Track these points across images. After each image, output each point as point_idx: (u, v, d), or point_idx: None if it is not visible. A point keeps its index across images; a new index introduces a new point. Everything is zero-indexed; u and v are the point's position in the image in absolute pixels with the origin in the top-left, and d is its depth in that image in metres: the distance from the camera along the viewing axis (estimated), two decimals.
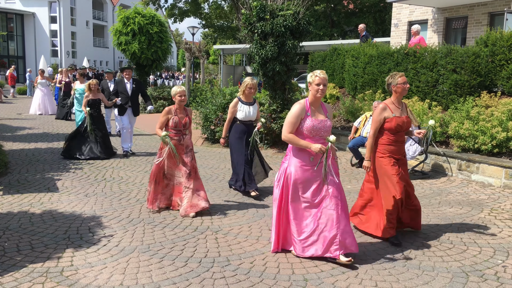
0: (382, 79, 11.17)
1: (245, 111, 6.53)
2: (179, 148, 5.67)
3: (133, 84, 9.50)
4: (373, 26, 30.92)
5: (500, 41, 9.17)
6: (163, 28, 18.33)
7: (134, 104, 9.57)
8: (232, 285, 3.83)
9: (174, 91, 5.68)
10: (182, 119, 5.69)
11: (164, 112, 5.67)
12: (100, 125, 9.31)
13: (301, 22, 9.83)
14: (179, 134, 5.69)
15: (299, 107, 4.27)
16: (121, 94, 9.43)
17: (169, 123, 5.65)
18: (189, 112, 5.83)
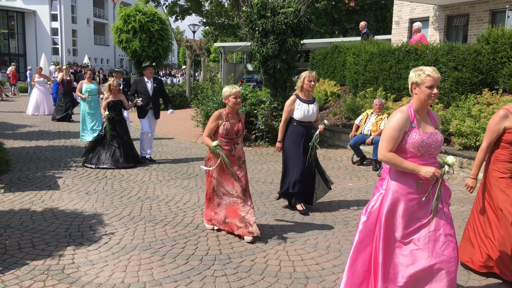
0: (383, 76, 11.16)
1: (303, 110, 5.66)
2: (231, 160, 4.82)
3: (154, 83, 8.59)
4: (374, 24, 30.86)
5: (501, 39, 9.15)
6: (164, 26, 18.29)
7: (156, 105, 8.67)
8: (233, 282, 3.83)
9: (227, 92, 4.78)
10: (235, 125, 4.84)
11: (214, 117, 4.81)
12: (122, 130, 8.38)
13: (302, 20, 9.81)
14: (230, 143, 4.83)
15: (402, 117, 3.14)
16: (141, 94, 8.47)
17: (219, 130, 4.79)
18: (241, 117, 4.97)
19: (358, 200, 6.35)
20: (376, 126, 8.44)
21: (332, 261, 4.29)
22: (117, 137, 8.25)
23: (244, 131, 5.07)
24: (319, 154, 9.69)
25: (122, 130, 8.42)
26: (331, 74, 14.19)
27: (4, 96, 22.90)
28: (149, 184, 7.04)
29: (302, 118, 5.67)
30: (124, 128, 8.50)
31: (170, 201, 6.20)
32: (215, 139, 4.84)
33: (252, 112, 10.48)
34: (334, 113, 12.06)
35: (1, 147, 8.54)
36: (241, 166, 4.89)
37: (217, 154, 4.71)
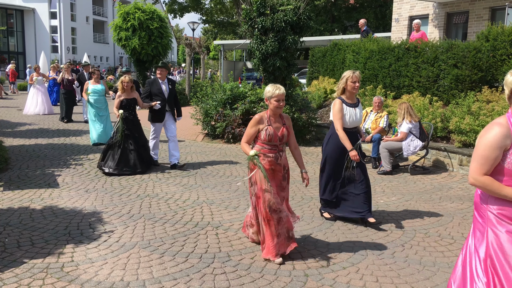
0: (382, 74, 11.15)
1: (350, 115, 5.06)
2: (276, 169, 4.22)
3: (169, 84, 8.02)
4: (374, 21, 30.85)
5: (501, 36, 9.14)
6: (163, 24, 18.27)
7: (172, 107, 8.06)
8: (233, 280, 3.83)
9: (269, 93, 4.18)
10: (279, 130, 4.22)
11: (254, 121, 4.22)
12: (137, 131, 7.76)
13: (301, 17, 9.79)
14: (274, 151, 4.21)
15: (501, 133, 2.39)
16: (156, 96, 7.82)
17: (261, 135, 4.19)
18: (286, 119, 4.35)
19: None
20: (375, 123, 8.43)
21: (332, 258, 4.29)
22: (131, 139, 7.61)
23: (290, 136, 4.35)
24: (318, 152, 9.68)
25: (138, 131, 7.80)
26: (331, 71, 14.17)
27: (4, 94, 22.87)
28: (149, 182, 7.04)
29: (350, 124, 5.08)
30: (139, 129, 7.85)
31: (169, 199, 6.20)
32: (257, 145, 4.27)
33: (251, 110, 10.46)
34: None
35: (1, 145, 8.52)
36: (285, 176, 4.31)
37: (254, 163, 4.10)
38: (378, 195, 6.49)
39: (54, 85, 17.89)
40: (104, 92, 10.40)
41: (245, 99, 10.77)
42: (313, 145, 10.45)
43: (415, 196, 6.48)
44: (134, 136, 7.66)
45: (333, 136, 5.16)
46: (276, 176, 4.21)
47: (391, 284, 3.80)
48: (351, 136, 5.06)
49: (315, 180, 7.31)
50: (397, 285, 3.78)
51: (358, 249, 4.51)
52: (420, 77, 10.15)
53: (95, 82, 10.31)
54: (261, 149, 4.20)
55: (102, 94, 10.30)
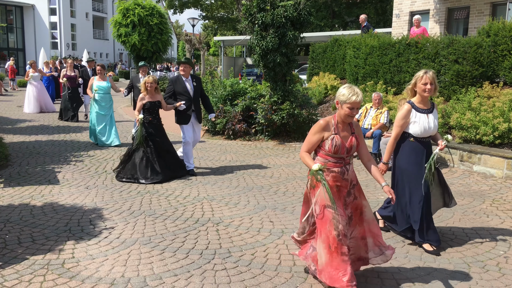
0: (383, 70, 11.12)
1: (423, 123, 4.36)
2: (342, 185, 3.58)
3: (194, 81, 7.31)
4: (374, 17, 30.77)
5: (502, 31, 9.11)
6: (163, 20, 18.25)
7: (198, 107, 7.38)
8: (233, 276, 3.83)
9: (343, 96, 3.48)
10: (347, 139, 3.56)
11: (318, 127, 3.56)
12: (160, 135, 7.09)
13: (302, 13, 9.76)
14: (340, 164, 3.56)
15: None
16: (180, 96, 7.17)
17: (325, 145, 3.53)
18: (355, 127, 3.66)
19: None
20: (376, 120, 8.41)
21: None
22: (154, 144, 6.98)
23: (361, 146, 3.69)
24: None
25: (162, 135, 7.14)
26: (331, 67, 14.14)
27: (4, 91, 22.85)
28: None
29: (421, 134, 4.36)
30: (162, 133, 7.18)
31: (170, 195, 6.19)
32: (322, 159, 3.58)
33: (252, 106, 10.45)
34: (334, 107, 12.03)
35: (1, 142, 8.51)
36: (350, 191, 3.65)
37: (318, 180, 3.43)
38: (378, 191, 6.48)
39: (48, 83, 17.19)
40: (109, 89, 9.90)
41: (245, 95, 10.75)
42: None
43: None
44: (157, 141, 7.00)
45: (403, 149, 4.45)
46: (341, 194, 3.58)
47: (392, 279, 3.81)
48: (426, 146, 4.40)
49: None
50: (397, 281, 3.78)
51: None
52: None
53: (100, 78, 9.82)
54: (324, 162, 3.53)
55: (107, 91, 9.82)
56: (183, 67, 7.21)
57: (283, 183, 6.86)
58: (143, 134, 6.91)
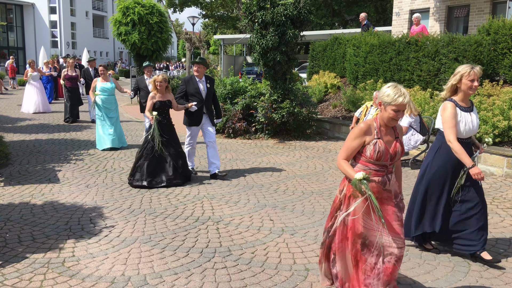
0: (383, 68, 11.12)
1: (466, 122, 4.00)
2: (383, 197, 3.22)
3: (207, 82, 7.06)
4: (374, 15, 30.74)
5: (502, 30, 9.10)
6: (163, 18, 18.24)
7: (210, 109, 7.13)
8: (234, 275, 3.84)
9: (388, 97, 3.12)
10: (391, 144, 3.22)
11: (359, 131, 3.19)
12: (171, 137, 6.77)
13: (301, 11, 9.75)
14: (382, 173, 3.21)
15: None
16: (192, 97, 6.92)
17: (366, 151, 3.19)
18: (399, 131, 3.32)
19: None
20: None
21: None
22: (166, 146, 6.66)
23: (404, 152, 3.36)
24: (318, 146, 9.69)
25: (172, 137, 6.81)
26: (331, 66, 14.13)
27: (4, 89, 22.84)
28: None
29: (465, 134, 4.01)
30: (174, 135, 6.85)
31: (170, 194, 6.20)
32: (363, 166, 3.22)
33: (252, 104, 10.45)
34: (334, 105, 12.03)
35: (1, 141, 8.52)
36: (398, 203, 3.25)
37: (361, 190, 3.05)
38: None
39: (47, 82, 16.98)
40: (114, 90, 9.45)
41: (245, 93, 10.75)
42: (314, 139, 10.44)
43: None
44: (168, 143, 6.69)
45: (442, 149, 4.09)
46: (383, 208, 3.18)
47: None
48: (467, 147, 4.01)
49: (314, 174, 7.31)
50: (397, 279, 3.78)
51: None
52: (421, 71, 10.12)
53: (104, 79, 9.33)
54: (365, 170, 3.16)
55: (112, 93, 9.37)
56: (197, 67, 6.92)
57: (283, 182, 6.86)
58: (158, 133, 6.53)
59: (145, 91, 9.09)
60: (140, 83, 9.31)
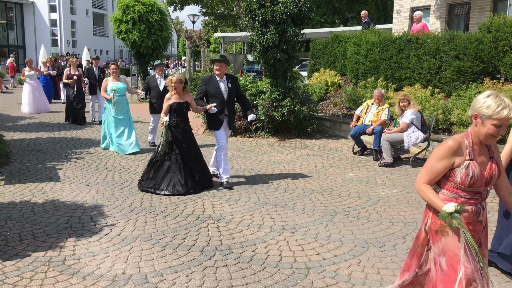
0: (384, 66, 11.10)
1: None
2: (475, 229, 2.67)
3: (229, 82, 6.45)
4: (375, 13, 30.70)
5: (503, 27, 9.07)
6: (163, 16, 18.22)
7: (232, 111, 6.54)
8: (234, 273, 3.84)
9: (489, 109, 2.52)
10: (485, 166, 2.63)
11: (447, 150, 2.60)
12: (188, 141, 6.32)
13: (302, 9, 9.73)
14: (475, 201, 2.65)
15: None
16: (212, 98, 6.37)
17: (455, 175, 2.61)
18: (494, 149, 2.71)
19: (359, 190, 6.35)
20: (377, 116, 8.40)
21: (333, 251, 4.29)
22: (181, 151, 6.22)
23: (501, 175, 2.70)
24: (319, 144, 9.68)
25: (188, 141, 6.33)
26: (332, 64, 14.12)
27: (4, 88, 22.85)
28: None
29: None
30: (191, 139, 6.39)
31: None
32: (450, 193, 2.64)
33: (252, 102, 10.44)
34: (335, 103, 12.02)
35: (1, 139, 8.53)
36: (483, 232, 2.74)
37: (453, 227, 2.53)
38: (379, 188, 6.48)
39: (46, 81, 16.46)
40: (125, 90, 8.87)
41: (245, 92, 10.74)
42: (314, 137, 10.43)
43: None
44: (183, 147, 6.24)
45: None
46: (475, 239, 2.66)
47: (393, 276, 3.81)
48: None
49: (315, 173, 7.31)
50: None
51: (360, 242, 4.51)
52: (422, 69, 10.11)
53: (115, 79, 8.81)
54: (455, 199, 2.61)
55: (123, 93, 8.77)
56: (218, 65, 6.34)
57: (284, 180, 6.85)
58: (168, 139, 6.16)
59: (155, 90, 8.88)
60: (150, 82, 8.97)
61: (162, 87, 8.98)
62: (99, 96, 11.96)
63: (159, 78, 9.00)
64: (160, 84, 9.02)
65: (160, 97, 8.72)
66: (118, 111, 8.66)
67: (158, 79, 8.97)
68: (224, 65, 6.38)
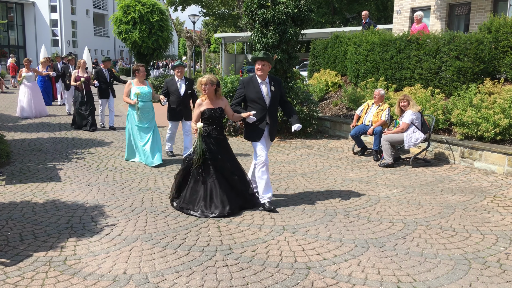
0: (384, 66, 11.10)
1: None
2: None
3: (271, 84, 5.49)
4: (375, 13, 30.71)
5: (503, 27, 9.08)
6: (163, 17, 18.26)
7: (274, 119, 5.56)
8: (235, 273, 3.85)
9: None
10: None
11: None
12: (224, 154, 5.45)
13: (302, 9, 9.74)
14: None
15: None
16: (252, 104, 5.44)
17: None
18: None
19: (359, 190, 6.35)
20: (377, 116, 8.41)
21: (333, 251, 4.30)
22: (216, 164, 5.37)
23: None
24: (319, 145, 9.69)
25: (224, 153, 5.45)
26: (332, 64, 14.12)
27: (5, 88, 22.87)
28: (150, 176, 7.05)
29: None
30: (227, 151, 5.52)
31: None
32: None
33: None
34: (335, 104, 12.03)
35: (2, 139, 8.53)
36: None
37: None
38: (379, 188, 6.49)
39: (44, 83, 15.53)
40: (151, 95, 7.86)
41: None
42: (315, 138, 10.44)
43: (416, 188, 6.48)
44: (219, 159, 5.38)
45: None
46: None
47: (393, 276, 3.82)
48: None
49: (315, 173, 7.32)
50: (398, 277, 3.79)
51: (360, 242, 4.51)
52: (422, 69, 10.11)
53: (140, 82, 7.78)
54: None
55: (149, 98, 7.80)
56: (261, 65, 5.39)
57: (284, 180, 6.86)
58: (203, 149, 5.33)
59: (175, 95, 7.89)
60: (169, 85, 7.95)
61: (183, 91, 7.93)
62: (110, 100, 11.35)
63: (179, 81, 7.96)
64: (180, 88, 7.93)
65: (181, 103, 7.93)
66: (142, 119, 7.69)
67: (178, 82, 7.95)
68: (267, 65, 5.43)
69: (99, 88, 11.22)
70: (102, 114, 11.69)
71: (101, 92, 11.29)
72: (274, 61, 5.79)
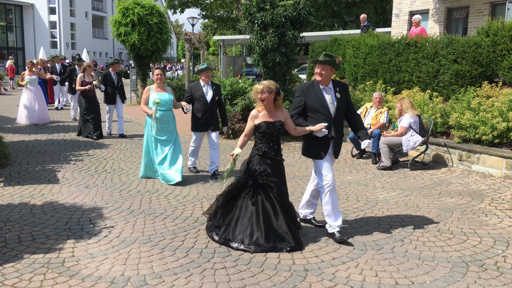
0: (382, 69, 11.13)
1: None
2: None
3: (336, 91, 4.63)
4: (374, 16, 30.79)
5: (501, 31, 9.12)
6: (162, 19, 18.25)
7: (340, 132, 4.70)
8: (233, 275, 3.85)
9: None
10: None
11: None
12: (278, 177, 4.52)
13: (301, 12, 9.78)
14: None
15: None
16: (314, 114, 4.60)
17: None
18: None
19: (357, 193, 6.36)
20: (375, 119, 8.43)
21: (331, 253, 4.31)
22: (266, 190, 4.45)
23: None
24: None
25: (278, 177, 4.50)
26: None
27: (3, 90, 22.85)
28: (149, 178, 7.04)
29: None
30: (281, 174, 4.61)
31: (169, 194, 6.21)
32: None
33: (251, 105, 10.46)
34: None
35: (0, 141, 8.52)
36: None
37: None
38: (378, 191, 6.50)
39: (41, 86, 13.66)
40: (172, 103, 6.92)
41: (245, 94, 10.77)
42: None
43: (414, 191, 6.49)
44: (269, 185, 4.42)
45: None
46: None
47: (391, 278, 3.82)
48: None
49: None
50: (396, 280, 3.80)
51: (358, 244, 4.52)
52: (420, 72, 10.14)
53: (159, 88, 6.83)
54: None
55: (169, 107, 6.86)
56: (319, 68, 4.53)
57: None
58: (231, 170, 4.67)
59: (201, 102, 6.95)
60: (194, 91, 7.02)
61: (210, 98, 6.98)
62: (118, 105, 10.62)
63: (205, 85, 7.00)
64: (206, 94, 6.97)
65: (207, 111, 6.97)
66: (160, 131, 6.73)
67: (204, 87, 6.99)
68: (329, 69, 4.51)
69: (105, 93, 10.52)
70: (110, 121, 10.81)
71: (108, 97, 10.56)
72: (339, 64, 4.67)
